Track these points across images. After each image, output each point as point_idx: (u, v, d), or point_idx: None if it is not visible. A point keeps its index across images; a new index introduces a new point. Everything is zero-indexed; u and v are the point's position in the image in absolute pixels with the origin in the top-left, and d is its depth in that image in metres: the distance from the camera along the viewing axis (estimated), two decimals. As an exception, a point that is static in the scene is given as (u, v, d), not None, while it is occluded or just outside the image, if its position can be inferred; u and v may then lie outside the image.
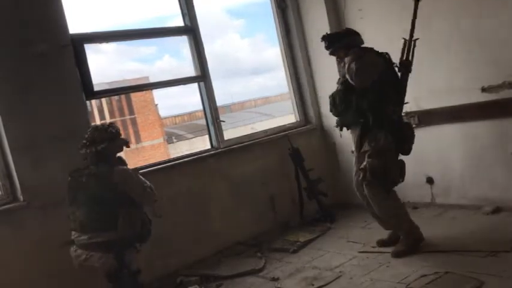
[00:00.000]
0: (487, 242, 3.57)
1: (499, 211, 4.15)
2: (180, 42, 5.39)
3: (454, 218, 4.31)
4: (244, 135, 5.12)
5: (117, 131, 3.32)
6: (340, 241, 4.33)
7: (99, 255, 3.11)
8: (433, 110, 4.47)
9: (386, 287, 3.25)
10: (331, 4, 5.14)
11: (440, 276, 3.18)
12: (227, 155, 4.78)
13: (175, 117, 23.84)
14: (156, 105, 21.71)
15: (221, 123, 4.84)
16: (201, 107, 4.92)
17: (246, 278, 3.88)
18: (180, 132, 22.01)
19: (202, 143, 12.03)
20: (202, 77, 4.77)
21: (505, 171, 4.15)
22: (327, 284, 3.49)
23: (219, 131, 4.82)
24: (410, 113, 4.45)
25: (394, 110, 3.69)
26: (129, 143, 3.44)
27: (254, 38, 28.18)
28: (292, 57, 5.49)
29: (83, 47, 4.02)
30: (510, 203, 4.10)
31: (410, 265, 3.47)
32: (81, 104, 3.97)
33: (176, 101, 32.11)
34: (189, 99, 24.99)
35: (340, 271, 3.65)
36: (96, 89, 4.10)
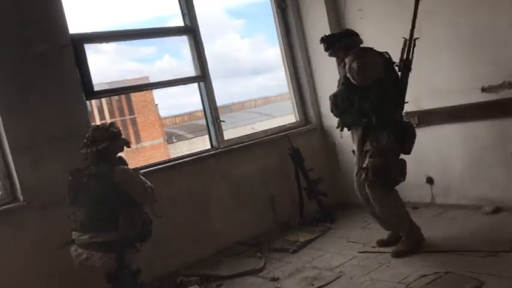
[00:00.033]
0: (487, 242, 3.57)
1: (499, 211, 4.16)
2: (180, 42, 5.39)
3: (454, 218, 4.32)
4: (244, 135, 5.12)
5: (118, 131, 3.32)
6: (340, 241, 4.33)
7: (99, 255, 3.10)
8: (433, 110, 4.47)
9: (386, 287, 3.25)
10: (331, 4, 5.15)
11: (440, 276, 3.18)
12: (227, 155, 4.78)
13: (175, 117, 23.80)
14: (156, 105, 21.69)
15: (221, 123, 4.84)
16: (201, 107, 4.92)
17: (246, 278, 3.88)
18: (180, 132, 21.99)
19: (202, 143, 12.03)
20: (202, 77, 4.77)
21: (505, 171, 4.15)
22: (327, 284, 3.49)
23: (219, 131, 4.82)
24: (411, 113, 4.45)
25: (396, 109, 3.70)
26: (130, 143, 3.44)
27: (254, 38, 28.18)
28: (292, 57, 5.49)
29: (83, 47, 4.02)
30: (510, 203, 4.10)
31: (410, 265, 3.47)
32: (81, 104, 3.97)
33: (176, 101, 32.11)
34: (189, 99, 24.99)
35: (340, 271, 3.65)
36: (96, 89, 4.11)
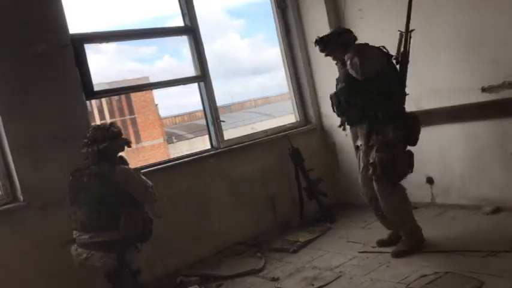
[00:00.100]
0: (487, 242, 3.57)
1: (499, 211, 4.15)
2: (180, 42, 5.39)
3: (454, 218, 4.32)
4: (244, 135, 5.12)
5: (118, 131, 3.32)
6: (340, 241, 4.33)
7: (100, 254, 3.10)
8: (433, 110, 4.47)
9: (386, 287, 3.25)
10: (331, 4, 5.14)
11: (440, 276, 3.18)
12: (227, 155, 4.78)
13: (175, 117, 23.81)
14: (156, 105, 21.70)
15: (221, 123, 4.84)
16: (201, 107, 4.92)
17: (246, 278, 3.88)
18: (180, 132, 21.99)
19: (202, 143, 12.03)
20: (202, 77, 4.77)
21: (505, 171, 4.15)
22: (327, 284, 3.49)
23: (219, 131, 4.82)
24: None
25: (399, 102, 3.72)
26: (131, 143, 3.44)
27: (254, 38, 28.17)
28: (292, 57, 5.49)
29: (83, 47, 4.02)
30: (510, 203, 4.10)
31: (410, 265, 3.47)
32: (81, 104, 3.97)
33: (176, 101, 32.11)
34: (189, 99, 24.99)
35: (340, 271, 3.65)
36: (96, 89, 4.11)
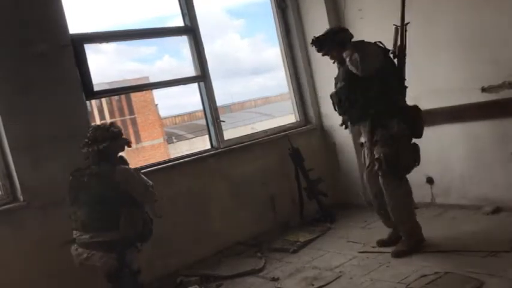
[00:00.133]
0: (487, 242, 3.57)
1: (499, 211, 4.15)
2: (180, 42, 5.39)
3: (454, 218, 4.31)
4: (244, 135, 5.12)
5: (119, 131, 3.33)
6: (340, 241, 4.33)
7: (100, 254, 3.11)
8: (433, 110, 4.47)
9: (386, 287, 3.25)
10: (331, 4, 5.14)
11: (440, 276, 3.18)
12: (227, 155, 4.78)
13: (175, 117, 23.80)
14: (156, 105, 21.69)
15: (221, 123, 4.84)
16: (201, 107, 4.92)
17: (246, 278, 3.88)
18: (180, 132, 21.98)
19: (202, 143, 12.02)
20: (202, 77, 4.77)
21: (505, 171, 4.14)
22: (327, 284, 3.49)
23: (219, 131, 4.82)
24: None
25: (400, 96, 3.72)
26: (131, 143, 3.44)
27: (254, 38, 28.16)
28: (292, 57, 5.49)
29: (83, 47, 4.02)
30: (510, 203, 4.10)
31: (411, 265, 3.47)
32: (81, 104, 3.97)
33: (176, 101, 32.10)
34: (189, 99, 25.00)
35: (340, 271, 3.65)
36: (96, 89, 4.11)
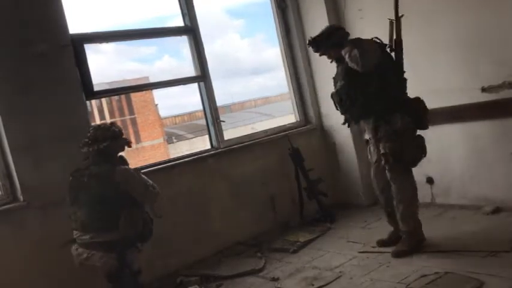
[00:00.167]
0: (487, 242, 3.57)
1: (499, 211, 4.15)
2: (180, 42, 5.38)
3: (454, 218, 4.31)
4: (244, 135, 5.12)
5: (119, 130, 3.33)
6: (340, 241, 4.32)
7: (100, 254, 3.10)
8: (433, 110, 4.43)
9: (386, 287, 3.25)
10: (331, 4, 5.14)
11: (440, 276, 3.18)
12: (227, 155, 4.78)
13: (175, 117, 23.79)
14: (156, 105, 21.69)
15: (221, 123, 4.84)
16: (201, 107, 4.92)
17: (246, 278, 3.88)
18: (180, 132, 21.98)
19: (202, 143, 12.03)
20: (202, 77, 4.77)
21: (505, 171, 4.14)
22: (327, 284, 3.49)
23: (219, 131, 4.82)
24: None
25: (401, 89, 3.73)
26: (131, 143, 3.44)
27: (254, 38, 28.13)
28: (292, 57, 5.49)
29: (83, 47, 4.02)
30: (510, 203, 4.10)
31: (411, 265, 3.47)
32: (81, 104, 3.97)
33: (176, 101, 32.07)
34: (189, 99, 24.98)
35: (340, 271, 3.65)
36: (96, 89, 4.11)
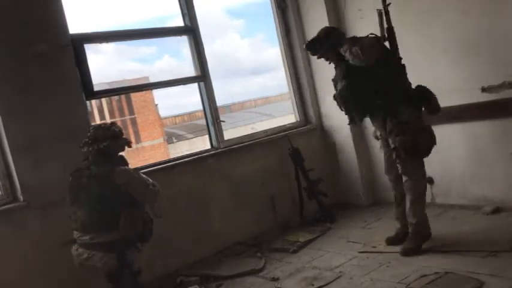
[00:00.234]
0: (487, 242, 3.57)
1: (499, 211, 4.15)
2: (180, 42, 5.39)
3: (454, 218, 4.31)
4: (244, 135, 5.12)
5: (119, 130, 3.32)
6: (340, 241, 4.32)
7: (100, 255, 3.10)
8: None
9: (386, 287, 3.25)
10: (331, 4, 5.14)
11: (440, 276, 3.18)
12: (227, 155, 4.78)
13: (175, 117, 23.79)
14: (156, 105, 21.68)
15: (221, 123, 4.84)
16: (201, 107, 4.92)
17: (246, 278, 3.88)
18: (180, 132, 21.98)
19: (202, 143, 12.03)
20: (202, 77, 4.77)
21: (505, 171, 4.14)
22: (327, 284, 3.49)
23: (219, 131, 4.82)
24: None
25: (403, 80, 3.72)
26: (131, 143, 3.43)
27: (254, 38, 28.13)
28: (292, 57, 5.49)
29: (83, 47, 4.02)
30: (510, 203, 4.10)
31: (411, 265, 3.47)
32: (81, 104, 3.97)
33: (176, 101, 32.07)
34: (189, 99, 24.95)
35: (340, 271, 3.65)
36: (96, 89, 4.11)
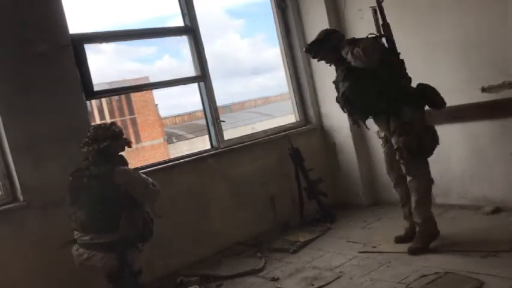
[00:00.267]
0: (487, 242, 3.57)
1: (499, 211, 4.15)
2: (180, 42, 5.39)
3: (454, 218, 4.31)
4: (244, 135, 5.12)
5: (120, 130, 3.32)
6: (340, 241, 4.32)
7: (101, 255, 3.11)
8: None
9: (386, 287, 3.25)
10: (331, 4, 5.14)
11: (440, 276, 3.18)
12: (227, 155, 4.78)
13: (175, 117, 23.78)
14: (156, 105, 21.68)
15: (221, 123, 4.84)
16: (201, 107, 4.92)
17: (246, 278, 3.88)
18: (180, 132, 21.97)
19: (202, 143, 12.02)
20: (202, 77, 4.77)
21: (505, 171, 4.14)
22: (327, 284, 3.49)
23: (219, 131, 4.82)
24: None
25: (405, 80, 3.71)
26: (131, 143, 3.43)
27: (254, 38, 28.09)
28: (292, 57, 5.49)
29: (83, 47, 4.02)
30: (510, 203, 4.10)
31: (411, 265, 3.47)
32: (81, 104, 3.97)
33: (176, 101, 32.03)
34: (189, 99, 24.92)
35: (340, 271, 3.65)
36: (96, 89, 4.11)
